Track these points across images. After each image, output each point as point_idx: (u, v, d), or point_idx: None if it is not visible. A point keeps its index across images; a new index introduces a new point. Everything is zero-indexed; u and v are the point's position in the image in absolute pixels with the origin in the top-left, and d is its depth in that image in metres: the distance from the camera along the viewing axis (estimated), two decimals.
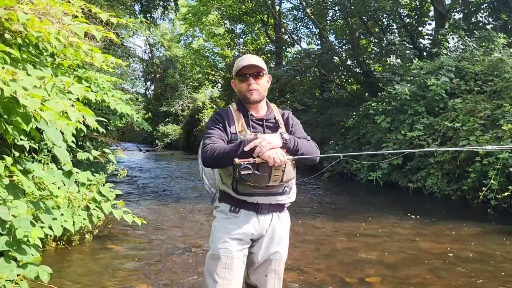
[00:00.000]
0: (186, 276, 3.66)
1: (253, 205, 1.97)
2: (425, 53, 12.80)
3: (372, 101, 10.59)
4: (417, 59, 11.32)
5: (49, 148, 3.73)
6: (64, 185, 3.67)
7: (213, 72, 23.89)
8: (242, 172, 1.76)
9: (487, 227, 5.59)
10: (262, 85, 2.00)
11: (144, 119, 23.24)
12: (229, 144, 1.92)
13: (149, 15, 17.45)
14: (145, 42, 30.44)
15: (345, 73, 15.79)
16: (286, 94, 17.70)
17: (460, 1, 13.46)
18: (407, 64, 11.82)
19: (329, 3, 13.72)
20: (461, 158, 7.28)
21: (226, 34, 22.26)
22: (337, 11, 14.18)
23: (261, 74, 1.99)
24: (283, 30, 18.09)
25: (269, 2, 16.77)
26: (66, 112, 2.70)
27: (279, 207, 2.05)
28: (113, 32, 3.78)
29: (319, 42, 17.78)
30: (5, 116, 2.49)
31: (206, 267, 2.03)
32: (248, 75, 1.97)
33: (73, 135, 3.26)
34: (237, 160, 1.76)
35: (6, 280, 2.44)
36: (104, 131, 4.68)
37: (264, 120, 2.01)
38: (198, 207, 6.85)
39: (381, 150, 9.27)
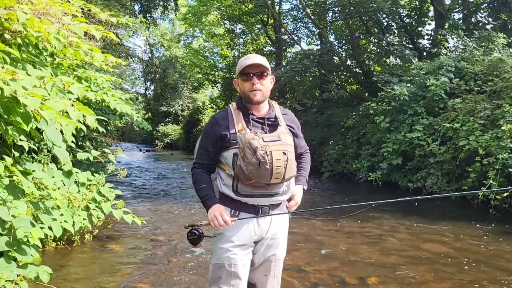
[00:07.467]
0: (186, 276, 3.66)
1: (253, 207, 1.96)
2: (424, 53, 12.79)
3: (371, 101, 10.59)
4: (416, 59, 11.32)
5: (49, 148, 3.73)
6: (64, 185, 3.66)
7: (213, 72, 23.88)
8: (189, 238, 1.99)
9: (487, 227, 5.58)
10: (265, 86, 1.97)
11: (144, 119, 23.22)
12: (229, 142, 1.92)
13: (149, 15, 17.46)
14: (145, 42, 30.44)
15: (345, 73, 15.78)
16: (286, 94, 17.69)
17: (459, 1, 13.46)
18: (407, 65, 11.82)
19: (328, 3, 13.70)
20: (461, 158, 7.29)
21: (226, 34, 22.25)
22: (337, 12, 14.17)
23: (265, 74, 1.96)
24: (283, 30, 18.08)
25: (269, 2, 16.76)
26: (66, 112, 2.70)
27: (278, 206, 2.05)
28: (113, 32, 3.78)
29: (318, 42, 17.79)
30: (5, 116, 2.49)
31: (211, 276, 2.02)
32: (252, 75, 1.93)
33: (73, 135, 3.25)
34: (186, 225, 2.02)
35: (6, 281, 2.44)
36: (104, 131, 4.68)
37: (266, 119, 1.99)
38: (198, 207, 6.84)
39: (380, 151, 9.29)
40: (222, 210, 1.90)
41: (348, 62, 15.23)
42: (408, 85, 9.65)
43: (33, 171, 3.31)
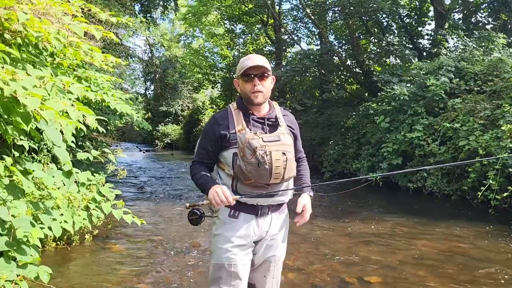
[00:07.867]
0: (186, 276, 3.66)
1: (252, 207, 1.96)
2: (424, 53, 12.79)
3: (371, 101, 10.59)
4: (416, 59, 11.32)
5: (49, 148, 3.73)
6: (64, 185, 3.66)
7: (213, 72, 23.89)
8: (189, 217, 1.97)
9: (487, 227, 5.58)
10: (266, 87, 1.97)
11: (144, 119, 23.23)
12: (229, 141, 1.92)
13: (149, 15, 17.46)
14: (145, 42, 30.44)
15: (345, 73, 15.79)
16: (286, 94, 17.69)
17: (459, 1, 13.46)
18: (407, 65, 11.82)
19: (328, 3, 13.70)
20: (461, 158, 7.28)
21: (226, 34, 22.25)
22: (337, 12, 14.17)
23: (266, 75, 1.96)
24: (283, 30, 18.09)
25: (269, 2, 16.76)
26: (66, 112, 2.70)
27: (278, 207, 2.05)
28: (113, 32, 3.78)
29: (318, 42, 17.80)
30: (5, 116, 2.49)
31: (211, 277, 2.02)
32: (253, 76, 1.93)
33: (73, 135, 3.25)
34: (187, 205, 2.00)
35: (6, 281, 2.43)
36: (104, 131, 4.68)
37: (266, 119, 1.99)
38: None
39: (380, 151, 9.29)
40: (223, 187, 1.88)
41: (348, 62, 15.23)
42: (408, 85, 9.65)
43: (33, 171, 3.31)
